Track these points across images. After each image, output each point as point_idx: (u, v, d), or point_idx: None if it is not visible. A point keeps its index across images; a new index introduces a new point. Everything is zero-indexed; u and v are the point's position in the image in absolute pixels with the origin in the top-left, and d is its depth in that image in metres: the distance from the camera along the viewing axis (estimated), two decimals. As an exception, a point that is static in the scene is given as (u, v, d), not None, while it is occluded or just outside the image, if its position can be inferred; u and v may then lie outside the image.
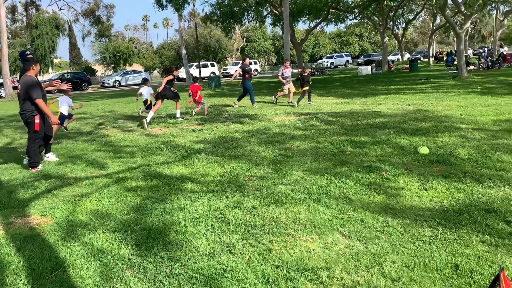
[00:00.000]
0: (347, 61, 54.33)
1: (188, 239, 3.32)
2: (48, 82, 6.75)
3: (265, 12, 29.33)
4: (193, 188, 4.67)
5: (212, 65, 44.58)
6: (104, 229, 3.62)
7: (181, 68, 35.51)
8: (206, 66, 42.86)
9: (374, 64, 32.35)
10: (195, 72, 37.29)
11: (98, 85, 41.74)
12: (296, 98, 12.88)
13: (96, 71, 54.92)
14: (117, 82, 38.60)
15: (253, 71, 14.67)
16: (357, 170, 4.98)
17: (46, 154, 6.57)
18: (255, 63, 48.92)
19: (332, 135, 7.28)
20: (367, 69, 30.44)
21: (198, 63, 37.06)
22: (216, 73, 41.31)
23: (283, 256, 2.96)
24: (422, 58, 48.56)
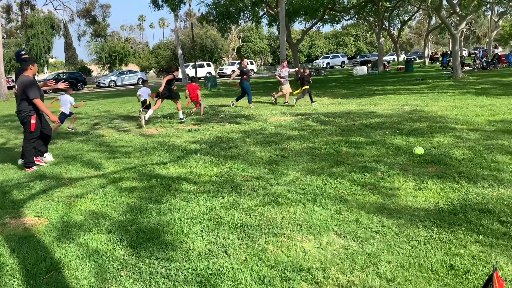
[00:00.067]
0: (343, 61, 54.50)
1: (183, 240, 3.32)
2: (43, 82, 6.72)
3: (261, 13, 29.33)
4: (188, 189, 4.66)
5: (208, 65, 44.52)
6: (99, 229, 3.61)
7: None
8: (202, 66, 42.80)
9: (369, 65, 32.42)
10: (191, 72, 37.23)
11: (94, 85, 41.58)
12: (292, 99, 12.96)
13: (91, 71, 54.74)
14: (113, 82, 38.49)
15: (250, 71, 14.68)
16: (353, 170, 4.99)
17: (43, 154, 6.53)
18: (251, 63, 48.97)
19: (328, 135, 7.30)
20: (363, 70, 30.53)
21: (194, 63, 37.00)
22: (212, 73, 41.24)
23: (279, 257, 2.96)
24: (417, 59, 48.68)
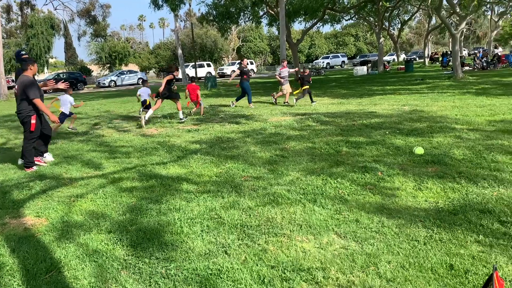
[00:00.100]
0: (343, 61, 54.49)
1: (183, 240, 3.32)
2: (42, 82, 6.72)
3: (261, 13, 29.33)
4: (188, 189, 4.66)
5: (208, 65, 44.51)
6: (99, 229, 3.61)
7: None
8: (202, 66, 42.79)
9: (369, 65, 32.42)
10: (191, 72, 37.23)
11: (94, 85, 41.59)
12: (292, 99, 12.97)
13: (91, 71, 54.72)
14: (113, 82, 38.48)
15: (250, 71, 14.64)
16: (353, 170, 4.99)
17: (43, 154, 6.53)
18: (251, 63, 48.96)
19: (327, 135, 7.30)
20: (363, 70, 30.52)
21: (194, 63, 36.99)
22: (212, 73, 41.24)
23: (279, 257, 2.96)
24: (417, 59, 48.68)
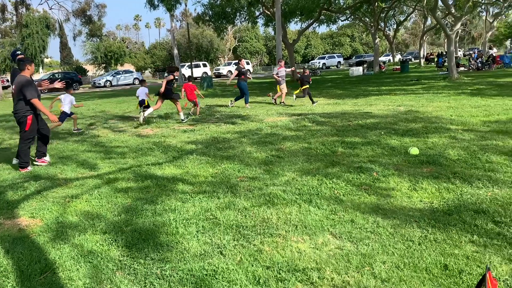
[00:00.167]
0: (339, 62, 54.62)
1: (179, 240, 3.31)
2: (37, 83, 6.68)
3: (257, 13, 29.36)
4: (184, 189, 4.66)
5: (204, 65, 44.48)
6: (95, 230, 3.60)
7: (173, 68, 35.28)
8: (198, 66, 42.76)
9: (365, 65, 32.52)
10: (187, 72, 37.19)
11: (89, 85, 41.46)
12: (288, 98, 13.01)
13: (87, 71, 54.52)
14: (108, 82, 38.39)
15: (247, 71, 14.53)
16: (348, 170, 5.01)
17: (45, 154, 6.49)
18: (248, 63, 48.94)
19: (323, 135, 7.31)
20: (359, 70, 30.61)
21: (190, 63, 36.94)
22: (208, 73, 41.22)
23: (274, 257, 2.96)
24: (413, 59, 48.85)
